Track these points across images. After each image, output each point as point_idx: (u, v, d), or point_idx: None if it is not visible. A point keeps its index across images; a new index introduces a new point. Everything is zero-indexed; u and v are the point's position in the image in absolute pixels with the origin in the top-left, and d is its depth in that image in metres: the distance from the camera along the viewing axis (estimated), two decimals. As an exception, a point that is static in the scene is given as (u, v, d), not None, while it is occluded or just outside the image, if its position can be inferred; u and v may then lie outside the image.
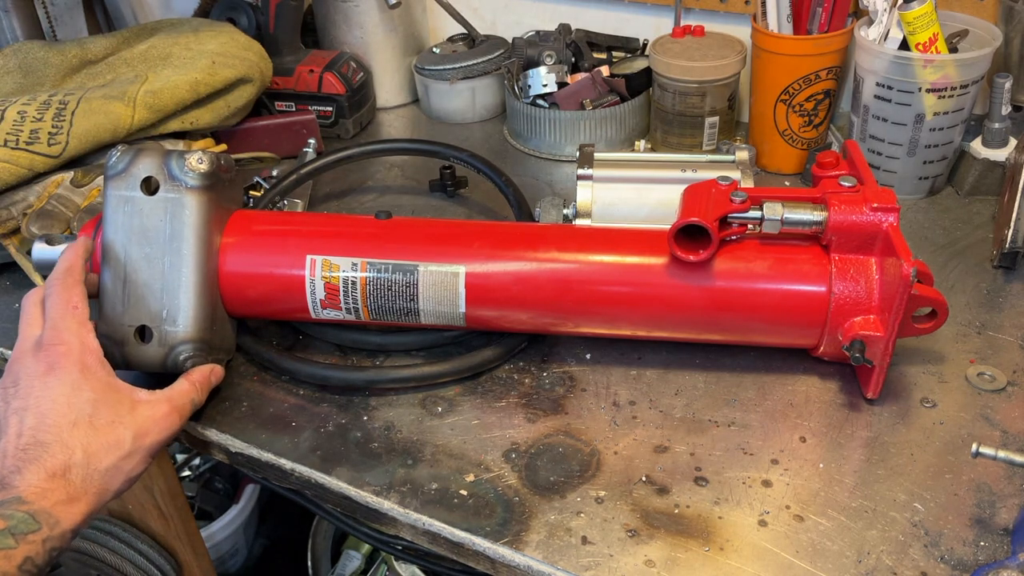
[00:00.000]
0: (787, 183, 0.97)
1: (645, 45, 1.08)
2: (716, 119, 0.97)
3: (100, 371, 0.60)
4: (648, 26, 1.09)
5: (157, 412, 0.61)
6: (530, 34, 1.08)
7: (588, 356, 0.73)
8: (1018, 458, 0.55)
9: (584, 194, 0.78)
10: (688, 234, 0.64)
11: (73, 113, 0.83)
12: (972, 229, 0.86)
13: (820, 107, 0.94)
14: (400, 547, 1.03)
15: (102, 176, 0.84)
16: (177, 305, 0.66)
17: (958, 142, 0.88)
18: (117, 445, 0.58)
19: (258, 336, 0.74)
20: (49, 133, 0.81)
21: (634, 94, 1.02)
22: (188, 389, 0.65)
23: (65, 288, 0.62)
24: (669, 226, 0.64)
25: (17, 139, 0.80)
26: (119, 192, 0.66)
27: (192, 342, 0.66)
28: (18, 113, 0.82)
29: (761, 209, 0.65)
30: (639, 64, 1.03)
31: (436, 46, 1.15)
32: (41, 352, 0.59)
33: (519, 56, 1.05)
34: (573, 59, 1.05)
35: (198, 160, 0.66)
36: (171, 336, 0.66)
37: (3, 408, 0.58)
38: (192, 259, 0.66)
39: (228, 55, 0.96)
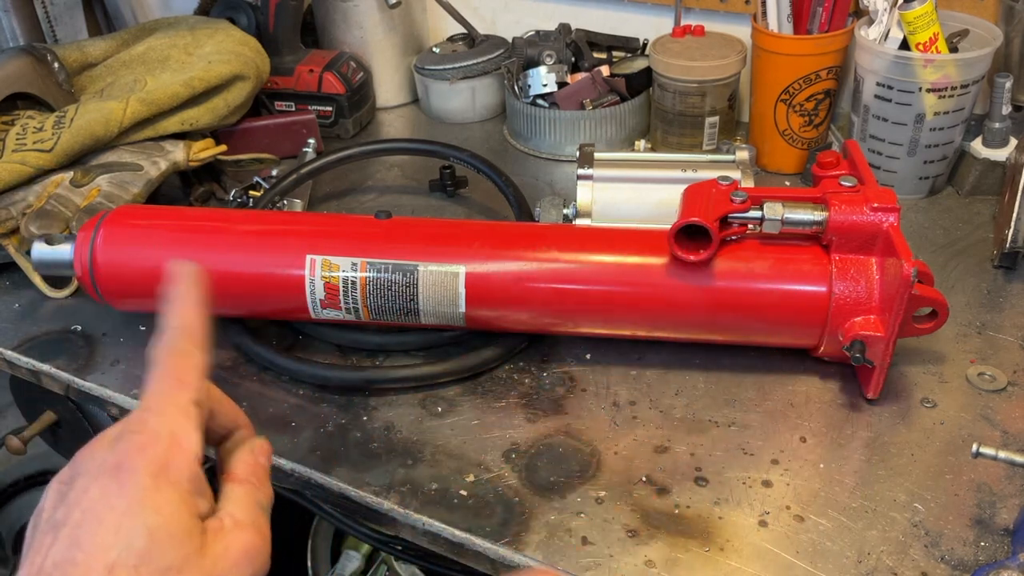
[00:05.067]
0: (787, 183, 0.97)
1: (645, 45, 1.08)
2: (716, 119, 0.97)
3: (182, 482, 0.42)
4: (648, 26, 1.09)
5: (236, 547, 0.44)
6: (530, 34, 1.08)
7: (588, 356, 0.73)
8: (1018, 458, 0.55)
9: (584, 194, 0.78)
10: (688, 234, 0.64)
11: (72, 120, 0.83)
12: (972, 229, 0.86)
13: (820, 107, 0.94)
14: (400, 547, 1.03)
15: (101, 176, 0.84)
16: None
17: (958, 142, 0.88)
18: None
19: (258, 336, 0.74)
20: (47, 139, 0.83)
21: (634, 94, 1.02)
22: (251, 495, 0.49)
23: (175, 355, 0.46)
24: (669, 226, 0.64)
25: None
26: None
27: None
28: (22, 127, 0.84)
29: (761, 209, 0.65)
30: (639, 64, 1.03)
31: (436, 46, 1.15)
32: (119, 441, 0.42)
33: (519, 56, 1.05)
34: (573, 59, 1.05)
35: None
36: None
37: (48, 512, 0.41)
38: None
39: (224, 52, 0.96)
